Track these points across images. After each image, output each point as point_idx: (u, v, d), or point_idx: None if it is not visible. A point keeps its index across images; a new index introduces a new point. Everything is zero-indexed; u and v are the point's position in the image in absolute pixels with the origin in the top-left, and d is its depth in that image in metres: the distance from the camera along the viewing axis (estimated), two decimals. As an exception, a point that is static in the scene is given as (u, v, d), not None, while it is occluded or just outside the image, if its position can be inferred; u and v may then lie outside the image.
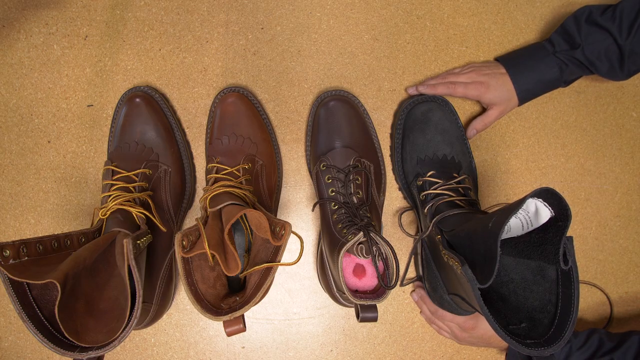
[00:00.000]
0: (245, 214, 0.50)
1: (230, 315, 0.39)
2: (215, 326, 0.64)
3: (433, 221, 0.52)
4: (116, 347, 0.39)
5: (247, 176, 0.55)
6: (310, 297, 0.65)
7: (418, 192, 0.58)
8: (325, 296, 0.65)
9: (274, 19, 0.65)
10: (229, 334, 0.40)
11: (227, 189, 0.51)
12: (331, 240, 0.52)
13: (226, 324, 0.40)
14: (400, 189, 0.65)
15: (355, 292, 0.49)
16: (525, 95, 0.61)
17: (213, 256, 0.42)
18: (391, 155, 0.65)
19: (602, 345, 0.55)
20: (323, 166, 0.57)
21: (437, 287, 0.56)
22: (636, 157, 0.69)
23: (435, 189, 0.55)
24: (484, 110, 0.65)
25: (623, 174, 0.68)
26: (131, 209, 0.50)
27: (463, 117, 0.65)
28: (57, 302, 0.37)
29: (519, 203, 0.36)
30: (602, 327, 0.68)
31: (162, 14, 0.64)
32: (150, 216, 0.52)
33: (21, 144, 0.63)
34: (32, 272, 0.38)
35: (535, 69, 0.60)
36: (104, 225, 0.49)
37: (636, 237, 0.69)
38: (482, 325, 0.59)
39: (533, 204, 0.38)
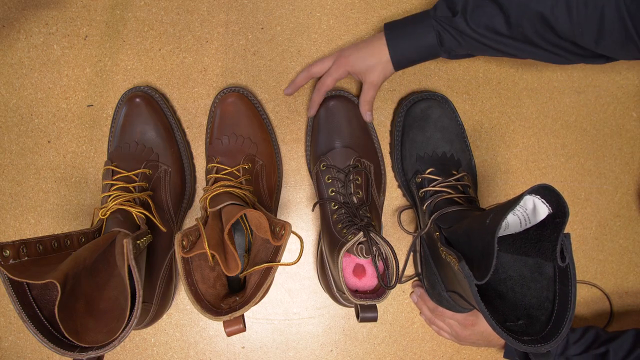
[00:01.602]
0: (245, 214, 0.50)
1: (230, 315, 0.39)
2: (215, 326, 0.64)
3: (432, 218, 0.52)
4: (116, 347, 0.39)
5: (247, 176, 0.55)
6: (310, 297, 0.65)
7: (417, 189, 0.58)
8: (325, 296, 0.65)
9: (274, 19, 0.65)
10: (229, 334, 0.40)
11: (227, 189, 0.51)
12: (331, 240, 0.52)
13: (226, 324, 0.40)
14: (399, 187, 0.65)
15: (355, 292, 0.49)
16: (399, 60, 0.55)
17: (213, 256, 0.42)
18: (390, 153, 0.65)
19: (598, 338, 0.56)
20: (323, 166, 0.57)
21: (435, 284, 0.56)
22: (636, 157, 0.69)
23: (434, 186, 0.56)
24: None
25: (623, 174, 0.68)
26: (131, 209, 0.50)
27: (463, 114, 0.65)
28: (57, 302, 0.37)
29: (517, 200, 0.36)
30: (602, 326, 0.68)
31: (162, 14, 0.64)
32: (150, 216, 0.52)
33: (21, 144, 0.63)
34: (32, 272, 0.38)
35: (412, 32, 0.54)
36: (104, 225, 0.49)
37: (636, 237, 0.69)
38: (482, 322, 0.59)
39: (531, 200, 0.38)
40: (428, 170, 0.57)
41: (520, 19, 0.47)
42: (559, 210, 0.37)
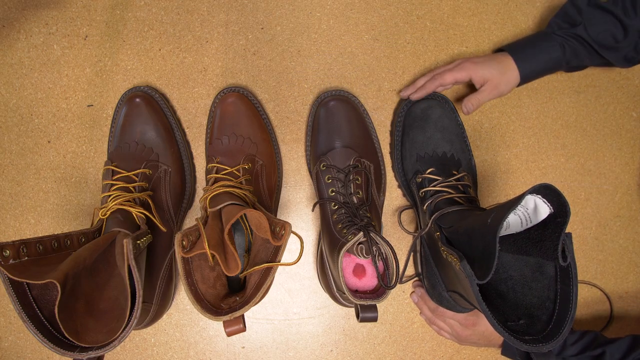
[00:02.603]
0: (245, 214, 0.50)
1: (230, 315, 0.39)
2: (215, 326, 0.64)
3: (432, 218, 0.52)
4: (116, 347, 0.39)
5: (247, 176, 0.55)
6: (310, 297, 0.65)
7: (417, 189, 0.58)
8: (325, 296, 0.65)
9: (274, 19, 0.65)
10: (229, 334, 0.40)
11: (227, 189, 0.51)
12: (331, 240, 0.52)
13: (226, 324, 0.40)
14: (399, 187, 0.65)
15: (355, 292, 0.49)
16: (527, 75, 0.59)
17: (213, 256, 0.42)
18: (391, 153, 0.65)
19: (595, 340, 0.56)
20: (323, 166, 0.57)
21: (436, 284, 0.56)
22: (636, 157, 0.69)
23: (434, 186, 0.56)
24: None
25: (623, 174, 0.68)
26: (131, 209, 0.50)
27: (463, 114, 0.65)
28: (57, 302, 0.37)
29: (518, 199, 0.36)
30: (602, 326, 0.68)
31: (162, 14, 0.64)
32: (150, 216, 0.52)
33: (21, 144, 0.63)
34: (32, 272, 0.38)
35: (536, 46, 0.58)
36: (104, 225, 0.49)
37: (636, 237, 0.69)
38: (483, 322, 0.59)
39: (532, 200, 0.38)
40: (428, 170, 0.57)
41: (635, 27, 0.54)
42: (560, 209, 0.37)
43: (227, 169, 0.55)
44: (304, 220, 0.65)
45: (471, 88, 0.66)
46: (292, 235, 0.41)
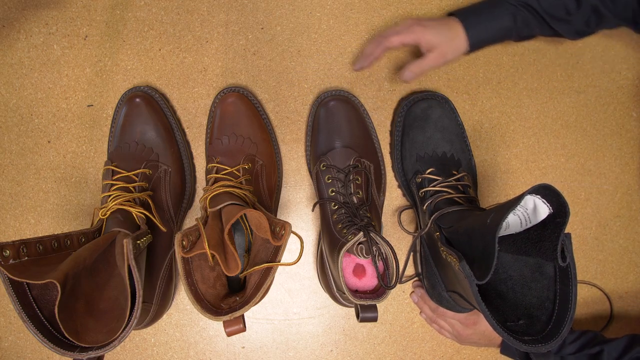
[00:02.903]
0: (245, 214, 0.50)
1: (230, 315, 0.39)
2: (215, 326, 0.64)
3: (432, 218, 0.52)
4: (116, 347, 0.39)
5: (247, 176, 0.55)
6: (310, 297, 0.65)
7: (417, 189, 0.58)
8: (325, 296, 0.65)
9: (274, 19, 0.65)
10: (229, 334, 0.40)
11: (227, 189, 0.51)
12: (331, 240, 0.52)
13: (226, 324, 0.40)
14: (399, 187, 0.65)
15: (355, 292, 0.49)
16: (475, 39, 0.56)
17: (213, 256, 0.42)
18: (390, 153, 0.65)
19: (594, 339, 0.56)
20: (323, 166, 0.57)
21: (435, 284, 0.56)
22: (636, 157, 0.69)
23: (434, 186, 0.56)
24: None
25: (623, 174, 0.68)
26: (131, 209, 0.50)
27: (463, 114, 0.65)
28: (57, 302, 0.37)
29: (517, 200, 0.36)
30: (602, 326, 0.68)
31: (162, 14, 0.64)
32: (150, 216, 0.52)
33: (21, 144, 0.63)
34: (32, 272, 0.38)
35: (487, 13, 0.56)
36: (104, 225, 0.49)
37: (636, 237, 0.69)
38: (483, 321, 0.59)
39: (531, 200, 0.38)
40: (428, 170, 0.57)
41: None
42: (560, 210, 0.37)
43: (227, 169, 0.55)
44: (304, 220, 0.65)
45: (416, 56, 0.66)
46: (292, 235, 0.41)
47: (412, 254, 0.64)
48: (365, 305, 0.46)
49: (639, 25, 0.56)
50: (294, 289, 0.65)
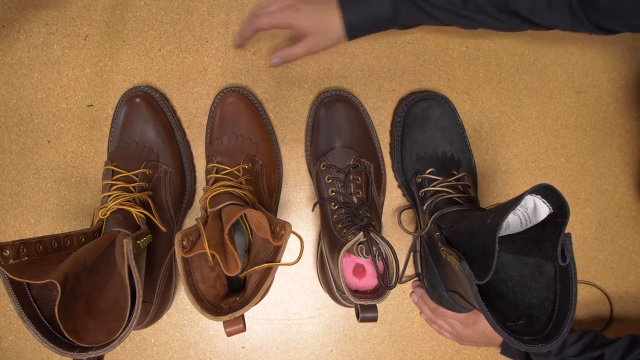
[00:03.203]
0: (245, 214, 0.50)
1: (230, 315, 0.39)
2: (215, 326, 0.64)
3: (432, 218, 0.52)
4: (116, 347, 0.39)
5: (247, 176, 0.55)
6: (310, 297, 0.65)
7: (417, 189, 0.58)
8: (325, 296, 0.65)
9: (274, 19, 0.65)
10: (229, 334, 0.40)
11: (227, 189, 0.51)
12: (331, 240, 0.52)
13: (226, 324, 0.40)
14: (399, 187, 0.65)
15: (355, 292, 0.49)
16: (352, 31, 0.52)
17: (213, 256, 0.42)
18: (390, 153, 0.65)
19: (595, 341, 0.56)
20: (323, 166, 0.57)
21: (435, 284, 0.56)
22: (636, 157, 0.69)
23: (434, 186, 0.56)
24: None
25: (623, 174, 0.68)
26: (131, 209, 0.50)
27: (463, 114, 0.65)
28: (57, 302, 0.37)
29: (517, 200, 0.36)
30: (602, 327, 0.68)
31: (162, 14, 0.64)
32: (150, 216, 0.52)
33: (21, 144, 0.63)
34: (32, 272, 0.38)
35: (367, 2, 0.51)
36: (104, 225, 0.49)
37: (636, 237, 0.69)
38: (483, 321, 0.59)
39: (531, 200, 0.38)
40: (428, 170, 0.57)
41: None
42: (560, 210, 0.37)
43: (227, 169, 0.55)
44: (304, 220, 0.65)
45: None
46: (292, 235, 0.41)
47: (412, 254, 0.64)
48: (365, 305, 0.46)
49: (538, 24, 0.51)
50: (294, 289, 0.65)
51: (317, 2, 0.52)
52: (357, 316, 0.46)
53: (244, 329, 0.40)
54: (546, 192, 0.36)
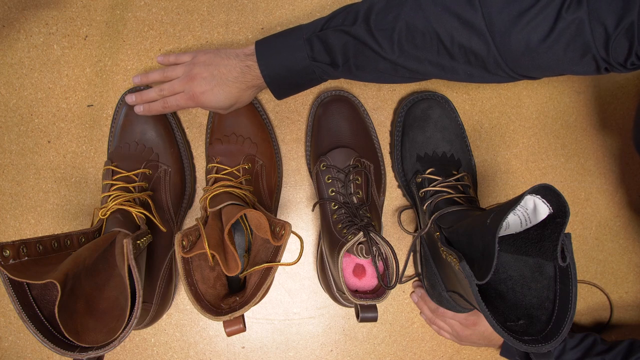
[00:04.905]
0: (245, 214, 0.50)
1: (230, 315, 0.39)
2: (215, 326, 0.64)
3: (432, 218, 0.52)
4: (116, 347, 0.39)
5: (247, 176, 0.55)
6: (310, 297, 0.65)
7: (417, 189, 0.58)
8: (325, 296, 0.65)
9: (274, 19, 0.65)
10: (229, 334, 0.40)
11: (227, 189, 0.51)
12: (331, 240, 0.52)
13: (226, 324, 0.40)
14: (399, 187, 0.65)
15: (355, 292, 0.49)
16: (274, 84, 0.50)
17: (213, 256, 0.42)
18: (390, 153, 0.65)
19: (594, 346, 0.56)
20: (323, 166, 0.57)
21: (435, 284, 0.56)
22: (636, 157, 0.69)
23: (434, 186, 0.56)
24: None
25: (623, 174, 0.68)
26: (131, 209, 0.50)
27: (463, 114, 0.65)
28: (57, 302, 0.37)
29: (517, 200, 0.36)
30: (602, 326, 0.68)
31: (162, 14, 0.64)
32: (150, 216, 0.52)
33: (21, 144, 0.63)
34: (32, 272, 0.38)
35: (280, 50, 0.48)
36: (104, 225, 0.49)
37: (636, 237, 0.69)
38: (483, 322, 0.59)
39: (531, 200, 0.38)
40: (428, 171, 0.57)
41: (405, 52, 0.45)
42: (560, 210, 0.37)
43: (227, 169, 0.55)
44: (304, 220, 0.65)
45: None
46: (292, 235, 0.41)
47: (412, 254, 0.64)
48: (365, 305, 0.46)
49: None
50: (294, 289, 0.65)
51: (224, 80, 0.50)
52: (357, 316, 0.46)
53: (244, 329, 0.40)
54: (546, 192, 0.36)
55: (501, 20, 0.40)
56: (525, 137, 0.67)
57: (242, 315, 0.40)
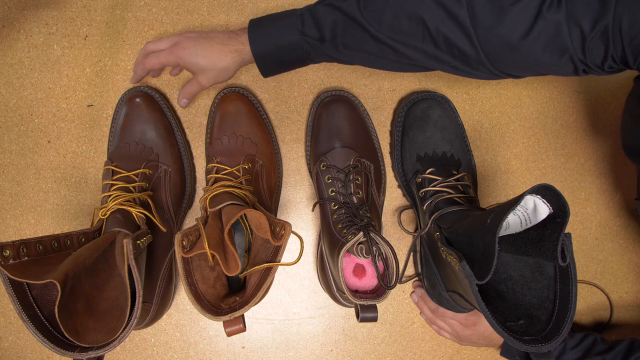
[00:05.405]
0: (245, 214, 0.50)
1: (230, 315, 0.39)
2: (215, 326, 0.64)
3: (432, 218, 0.52)
4: (116, 347, 0.39)
5: (247, 176, 0.55)
6: (310, 297, 0.65)
7: (417, 189, 0.58)
8: (325, 296, 0.65)
9: (274, 19, 0.65)
10: (229, 334, 0.40)
11: (227, 189, 0.51)
12: (331, 240, 0.52)
13: (226, 324, 0.40)
14: (399, 187, 0.65)
15: (355, 292, 0.49)
16: (261, 61, 0.50)
17: (213, 256, 0.42)
18: (390, 153, 0.65)
19: (595, 346, 0.56)
20: (323, 166, 0.57)
21: (435, 284, 0.56)
22: (636, 157, 0.69)
23: (434, 186, 0.56)
24: None
25: (623, 174, 0.68)
26: (131, 209, 0.50)
27: (463, 114, 0.65)
28: (57, 302, 0.37)
29: (517, 200, 0.36)
30: (602, 326, 0.68)
31: (162, 14, 0.64)
32: (150, 216, 0.52)
33: (21, 144, 0.63)
34: (32, 272, 0.38)
35: (273, 24, 0.49)
36: (104, 225, 0.49)
37: (636, 237, 0.69)
38: (483, 322, 0.59)
39: (531, 200, 0.38)
40: (428, 170, 0.57)
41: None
42: (560, 210, 0.37)
43: (227, 169, 0.55)
44: (304, 220, 0.65)
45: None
46: (292, 235, 0.41)
47: (412, 254, 0.64)
48: (365, 305, 0.46)
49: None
50: (294, 289, 0.65)
51: (208, 38, 0.50)
52: (357, 316, 0.46)
53: (244, 329, 0.40)
54: (546, 192, 0.36)
55: (484, 14, 0.40)
56: (525, 137, 0.67)
57: (242, 315, 0.40)
